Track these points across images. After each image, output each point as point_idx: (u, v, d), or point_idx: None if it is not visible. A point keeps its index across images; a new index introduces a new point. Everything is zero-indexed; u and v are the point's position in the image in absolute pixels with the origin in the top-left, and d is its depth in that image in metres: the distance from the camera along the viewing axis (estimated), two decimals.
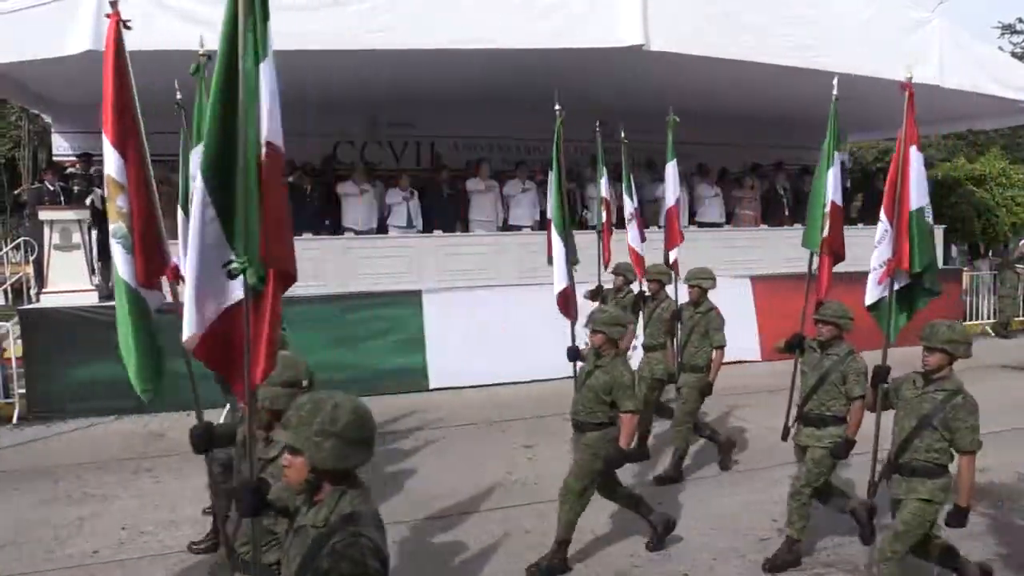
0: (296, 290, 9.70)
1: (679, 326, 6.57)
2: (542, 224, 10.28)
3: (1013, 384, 9.63)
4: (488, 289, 9.60)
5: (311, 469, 2.16)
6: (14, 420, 8.04)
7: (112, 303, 8.09)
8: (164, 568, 4.85)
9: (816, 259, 5.49)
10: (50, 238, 8.44)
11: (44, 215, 8.59)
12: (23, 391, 8.12)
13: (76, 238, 8.51)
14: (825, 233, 5.32)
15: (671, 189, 7.49)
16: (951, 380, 3.92)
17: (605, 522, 5.45)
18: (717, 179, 12.43)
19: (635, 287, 7.33)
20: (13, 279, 11.36)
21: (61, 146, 11.74)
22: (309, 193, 10.10)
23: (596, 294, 7.54)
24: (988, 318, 13.69)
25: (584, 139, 12.76)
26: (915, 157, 4.55)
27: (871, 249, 4.64)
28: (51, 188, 9.31)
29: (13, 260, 12.57)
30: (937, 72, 9.86)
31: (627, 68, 9.26)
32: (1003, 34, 28.78)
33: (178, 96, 5.14)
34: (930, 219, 4.64)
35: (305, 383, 3.03)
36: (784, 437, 5.10)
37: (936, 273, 4.65)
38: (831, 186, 5.31)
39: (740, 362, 9.81)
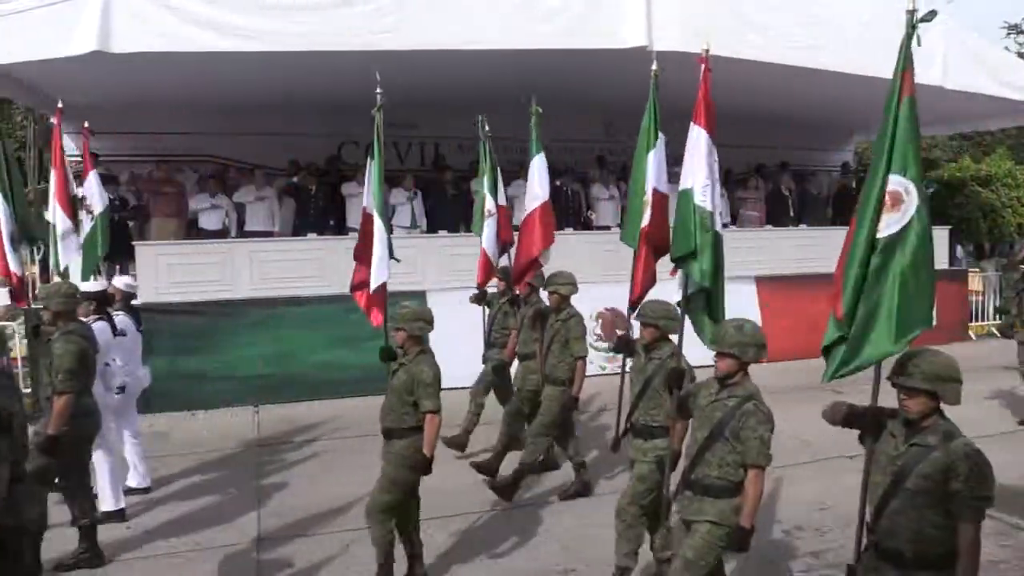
0: (300, 290, 9.71)
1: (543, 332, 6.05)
2: None
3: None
4: (491, 289, 9.59)
5: None
6: None
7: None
8: (168, 567, 4.87)
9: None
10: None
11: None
12: (28, 390, 8.14)
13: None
14: (644, 224, 4.77)
15: (538, 187, 6.60)
16: (743, 386, 3.56)
17: (604, 523, 5.44)
18: (722, 180, 12.41)
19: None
20: None
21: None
22: (314, 193, 10.13)
23: (480, 299, 7.28)
24: (994, 319, 13.63)
25: (588, 139, 12.84)
26: (697, 135, 4.18)
27: None
28: None
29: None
30: (940, 73, 9.84)
31: (630, 69, 9.25)
32: (1009, 34, 28.67)
33: None
34: (706, 204, 4.09)
35: None
36: (614, 448, 4.76)
37: (705, 266, 4.06)
38: (652, 172, 4.76)
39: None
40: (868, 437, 3.14)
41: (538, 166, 6.64)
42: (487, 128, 7.43)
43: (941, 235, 12.96)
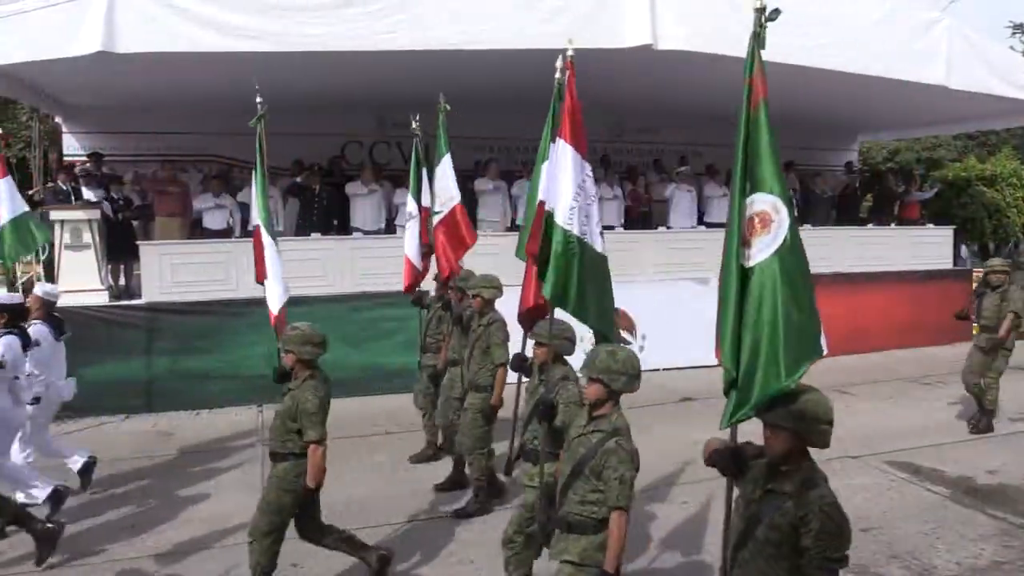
0: (303, 290, 9.73)
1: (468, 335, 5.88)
2: None
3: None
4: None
5: None
6: None
7: (123, 303, 8.09)
8: (171, 566, 4.88)
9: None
10: (60, 238, 8.49)
11: (55, 215, 8.62)
12: None
13: (87, 238, 8.53)
14: (528, 237, 4.45)
15: (453, 189, 6.57)
16: (609, 419, 3.31)
17: None
18: (726, 179, 12.42)
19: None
20: (24, 278, 11.42)
21: (72, 146, 11.84)
22: (317, 193, 10.14)
23: (419, 301, 7.23)
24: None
25: (592, 139, 12.82)
26: (562, 151, 3.80)
27: (879, 250, 4.42)
28: (63, 188, 9.37)
29: (24, 259, 12.61)
30: (944, 72, 9.81)
31: (635, 68, 9.25)
32: (1014, 33, 28.62)
33: None
34: (572, 227, 3.72)
35: None
36: (507, 472, 4.60)
37: (572, 295, 3.74)
38: (542, 183, 4.43)
39: None
40: (730, 478, 2.93)
41: (449, 168, 6.66)
42: (414, 127, 7.31)
43: (946, 235, 12.92)
